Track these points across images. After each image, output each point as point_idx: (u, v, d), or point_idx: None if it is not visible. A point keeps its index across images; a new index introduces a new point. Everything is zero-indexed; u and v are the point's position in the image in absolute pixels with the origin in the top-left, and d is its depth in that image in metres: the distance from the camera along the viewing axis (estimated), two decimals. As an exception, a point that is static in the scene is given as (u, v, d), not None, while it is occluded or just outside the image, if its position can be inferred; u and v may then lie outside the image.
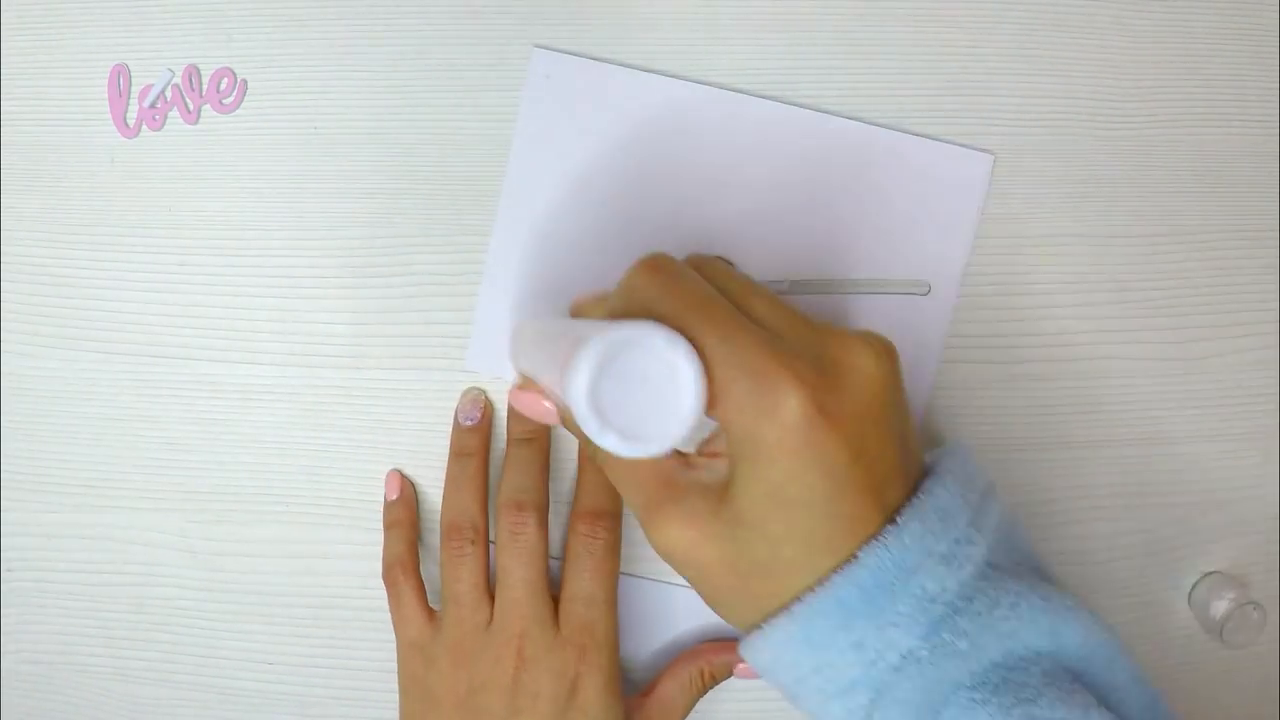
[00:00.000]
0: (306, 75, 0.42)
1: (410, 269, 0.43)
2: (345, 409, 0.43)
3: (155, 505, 0.44)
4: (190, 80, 0.42)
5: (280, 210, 0.42)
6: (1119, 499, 0.45)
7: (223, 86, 0.42)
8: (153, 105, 0.42)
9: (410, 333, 0.43)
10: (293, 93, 0.42)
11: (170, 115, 0.42)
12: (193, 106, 0.42)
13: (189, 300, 0.43)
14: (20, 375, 0.43)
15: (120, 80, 0.42)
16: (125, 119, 0.42)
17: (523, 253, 0.42)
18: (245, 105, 0.42)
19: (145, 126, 0.42)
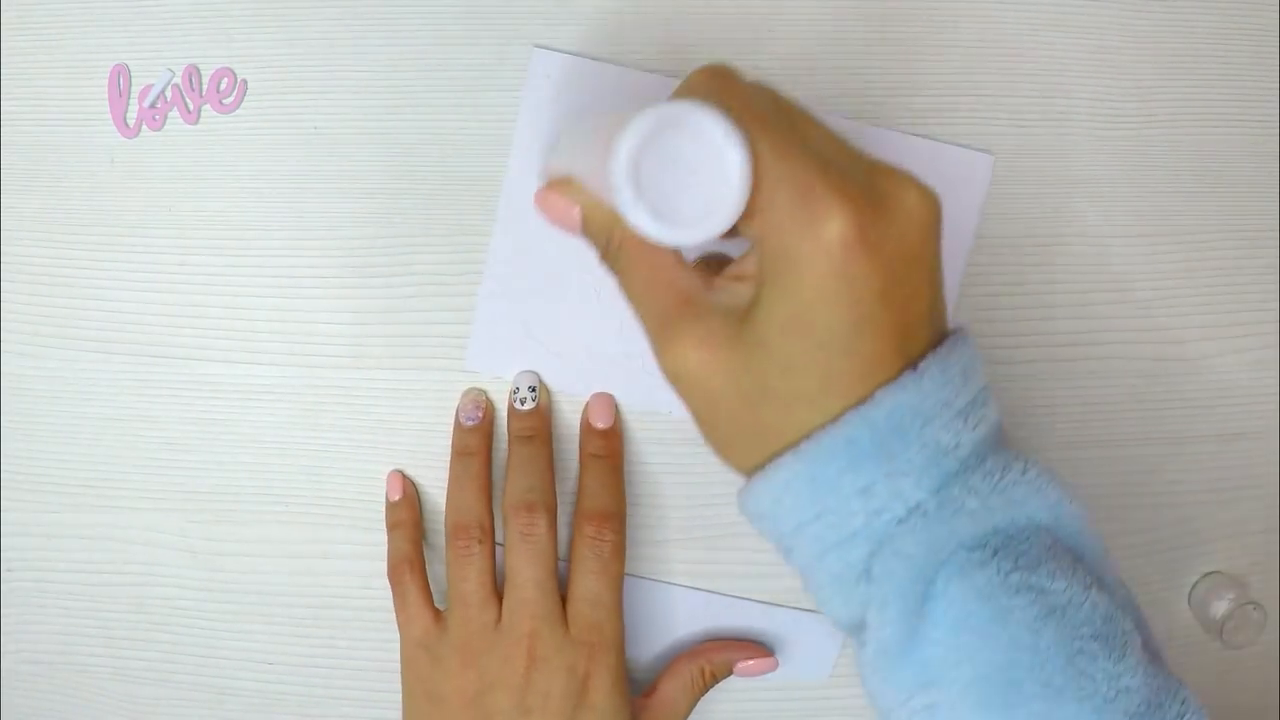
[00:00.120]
0: (306, 75, 0.42)
1: (410, 269, 0.43)
2: (345, 409, 0.43)
3: (155, 505, 0.44)
4: (190, 80, 0.42)
5: (280, 210, 0.42)
6: (1119, 499, 0.45)
7: (223, 86, 0.42)
8: (153, 105, 0.42)
9: (410, 333, 0.43)
10: (293, 93, 0.42)
11: (170, 115, 0.42)
12: (193, 106, 0.42)
13: (189, 300, 0.43)
14: (20, 375, 0.43)
15: (120, 80, 0.42)
16: (125, 119, 0.42)
17: (523, 253, 0.42)
18: (245, 105, 0.42)
19: (145, 126, 0.42)
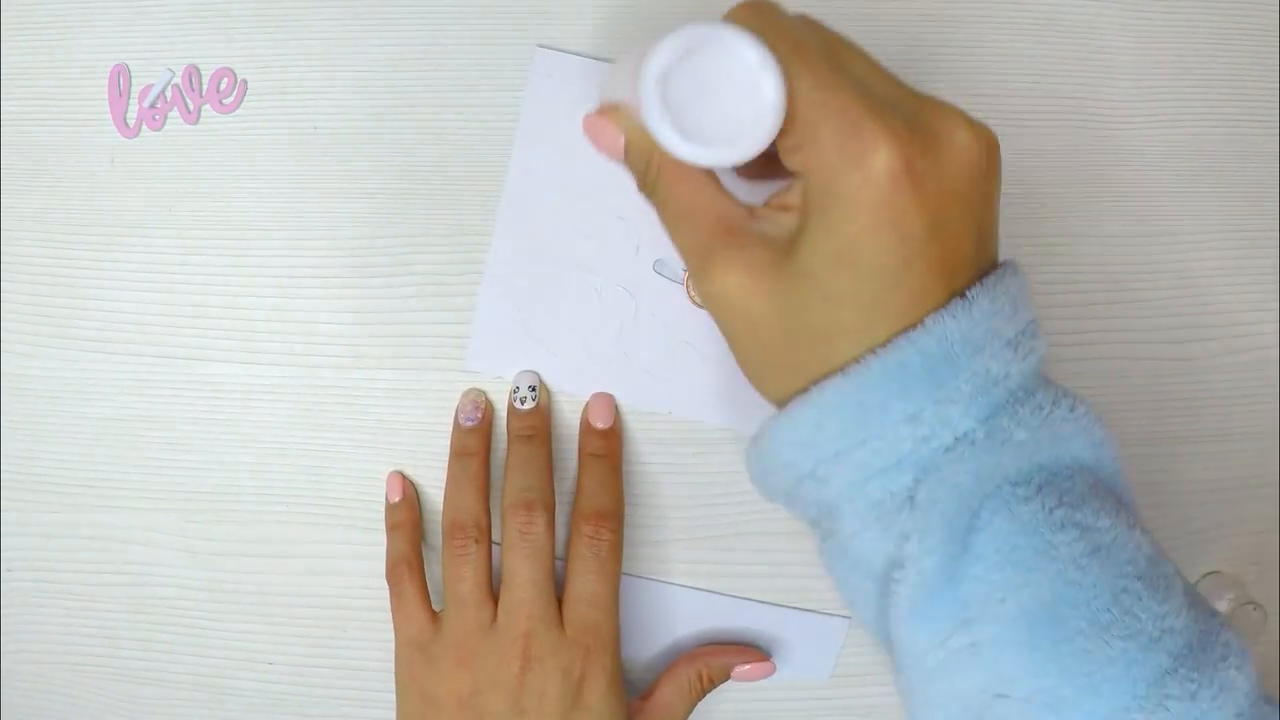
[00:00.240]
0: (306, 75, 0.42)
1: (410, 269, 0.43)
2: (345, 409, 0.43)
3: (155, 505, 0.44)
4: (190, 80, 0.42)
5: (280, 210, 0.42)
6: (1119, 499, 0.45)
7: (223, 86, 0.42)
8: (153, 105, 0.42)
9: (410, 333, 0.43)
10: (293, 92, 0.42)
11: (170, 115, 0.42)
12: (193, 106, 0.42)
13: (189, 300, 0.43)
14: (20, 375, 0.43)
15: (120, 80, 0.42)
16: (125, 119, 0.42)
17: (523, 253, 0.42)
18: (245, 105, 0.42)
19: (145, 126, 0.42)
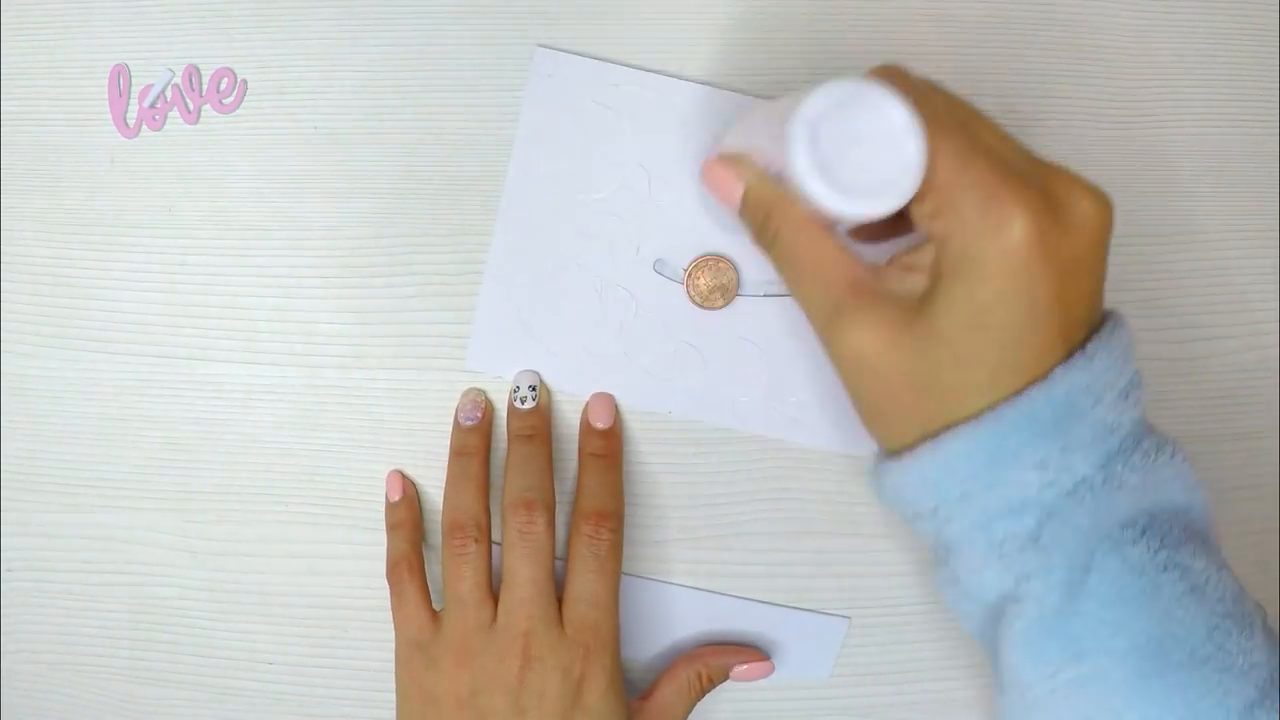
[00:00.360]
0: (306, 75, 0.42)
1: (411, 269, 0.43)
2: (346, 409, 0.43)
3: (155, 505, 0.44)
4: (190, 80, 0.42)
5: (280, 210, 0.42)
6: (1119, 499, 0.45)
7: (223, 86, 0.42)
8: (153, 105, 0.42)
9: (411, 333, 0.43)
10: (293, 92, 0.42)
11: (170, 115, 0.42)
12: (193, 106, 0.42)
13: (189, 300, 0.43)
14: (20, 375, 0.43)
15: (120, 80, 0.42)
16: (125, 119, 0.42)
17: (523, 253, 0.42)
18: (245, 105, 0.42)
19: (145, 126, 0.42)
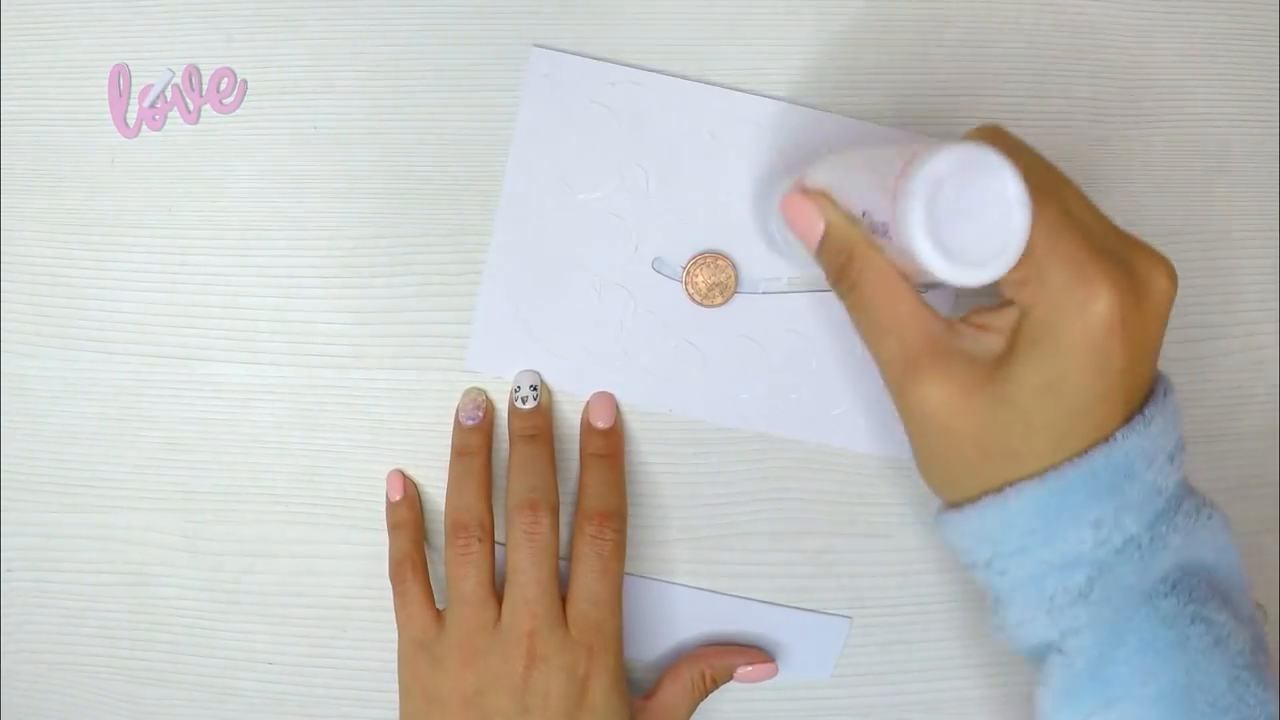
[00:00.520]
0: (306, 75, 0.42)
1: (411, 269, 0.43)
2: (345, 409, 0.43)
3: (155, 505, 0.44)
4: (190, 80, 0.42)
5: (280, 210, 0.42)
6: (1119, 499, 0.45)
7: (223, 86, 0.42)
8: (153, 105, 0.42)
9: (410, 333, 0.43)
10: (292, 93, 0.42)
11: (170, 115, 0.42)
12: (193, 106, 0.42)
13: (189, 300, 0.43)
14: (20, 375, 0.43)
15: (120, 80, 0.42)
16: (125, 119, 0.42)
17: (522, 252, 0.42)
18: (245, 105, 0.42)
19: (145, 126, 0.42)
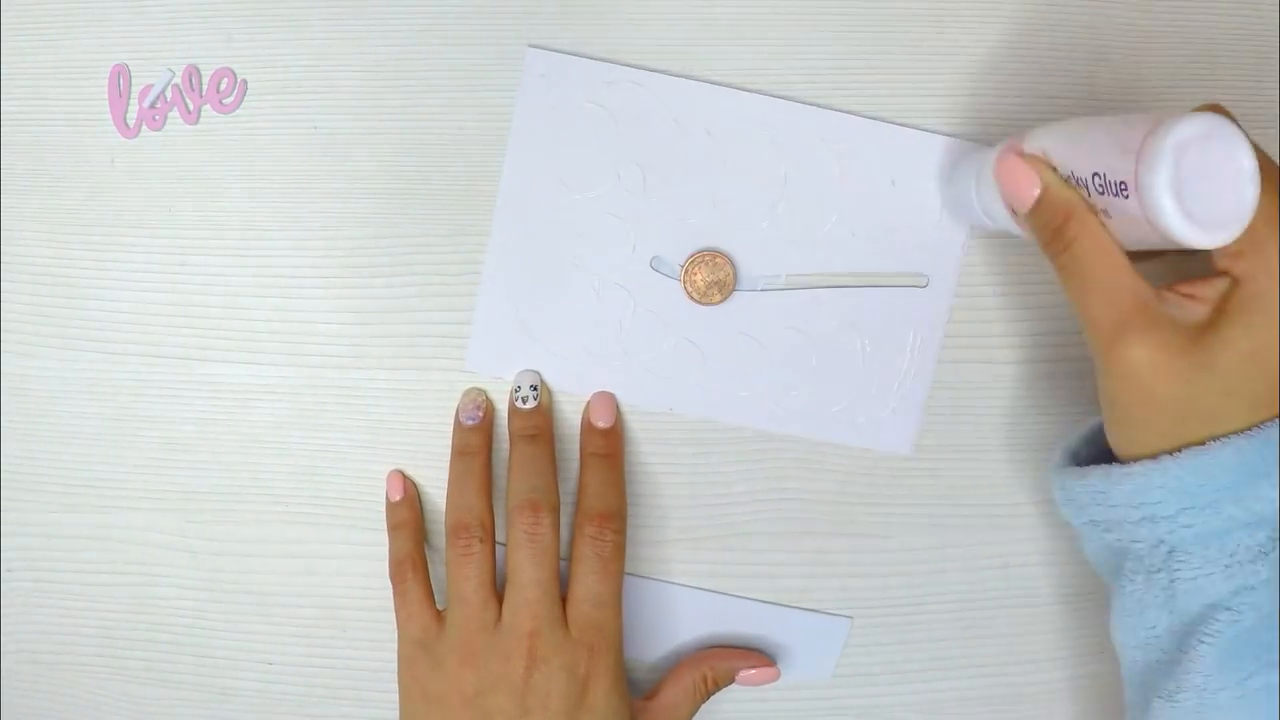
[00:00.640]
0: (306, 75, 0.42)
1: (410, 269, 0.43)
2: (345, 409, 0.43)
3: (155, 505, 0.44)
4: (190, 80, 0.42)
5: (280, 210, 0.42)
6: (1119, 499, 0.45)
7: (223, 86, 0.42)
8: (153, 105, 0.42)
9: (410, 333, 0.43)
10: (293, 93, 0.42)
11: (170, 115, 0.42)
12: (193, 106, 0.42)
13: (189, 300, 0.43)
14: (20, 375, 0.43)
15: (120, 80, 0.42)
16: (125, 119, 0.42)
17: (521, 252, 0.42)
18: (245, 105, 0.42)
19: (145, 126, 0.42)
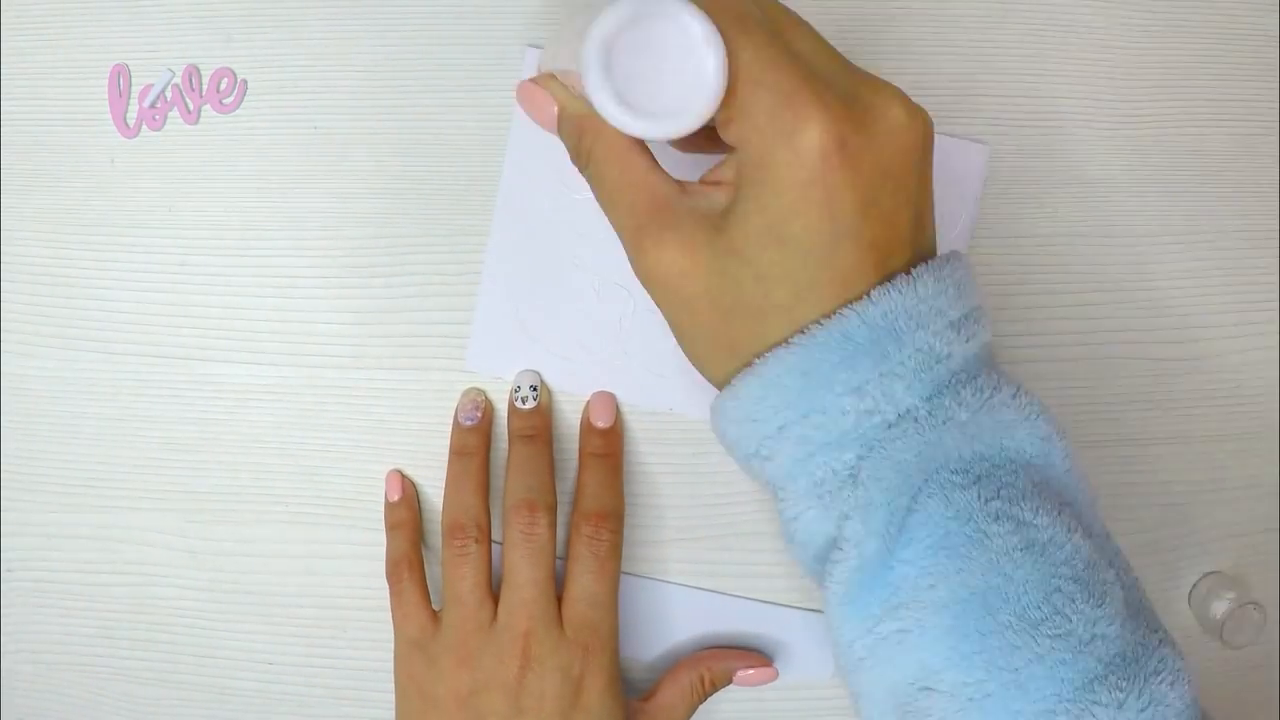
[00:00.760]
0: (306, 75, 0.42)
1: (410, 269, 0.43)
2: (345, 409, 0.43)
3: (155, 505, 0.44)
4: (190, 80, 0.42)
5: (280, 210, 0.42)
6: (1119, 499, 0.45)
7: (223, 86, 0.42)
8: (153, 105, 0.42)
9: (410, 333, 0.43)
10: (292, 93, 0.42)
11: (170, 115, 0.42)
12: (193, 106, 0.42)
13: (189, 300, 0.43)
14: (20, 375, 0.43)
15: (120, 80, 0.42)
16: (125, 119, 0.42)
17: (521, 252, 0.42)
18: (245, 105, 0.42)
19: (145, 126, 0.42)
